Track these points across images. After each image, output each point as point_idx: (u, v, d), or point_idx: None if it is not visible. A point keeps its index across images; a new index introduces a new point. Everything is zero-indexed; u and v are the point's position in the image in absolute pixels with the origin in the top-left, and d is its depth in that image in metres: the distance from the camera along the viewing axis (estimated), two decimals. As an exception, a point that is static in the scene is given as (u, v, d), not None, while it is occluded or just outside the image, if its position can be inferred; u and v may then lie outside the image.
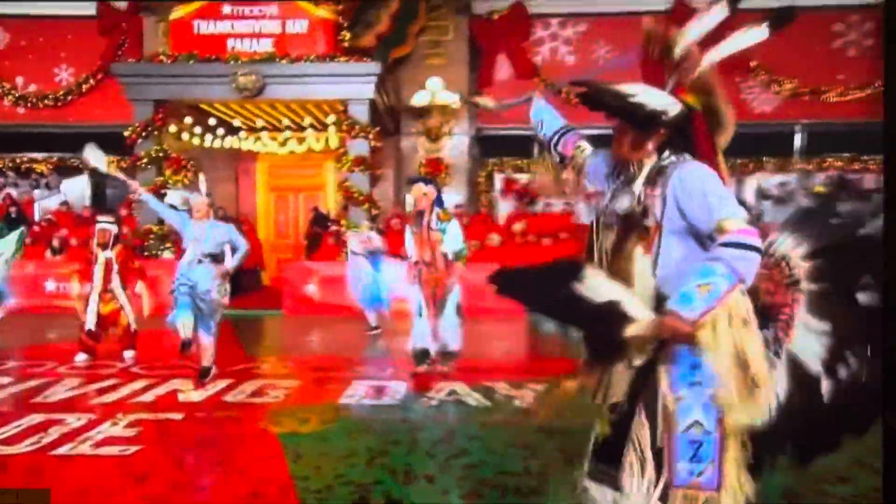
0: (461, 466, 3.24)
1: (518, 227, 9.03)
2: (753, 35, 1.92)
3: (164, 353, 5.61)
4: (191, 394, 4.48)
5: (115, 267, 5.58)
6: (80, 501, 2.85)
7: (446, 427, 3.91)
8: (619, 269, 1.83)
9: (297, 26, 8.39)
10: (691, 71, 1.85)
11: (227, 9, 8.50)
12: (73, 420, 3.85)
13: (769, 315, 1.83)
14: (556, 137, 2.26)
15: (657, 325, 1.68)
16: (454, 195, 10.69)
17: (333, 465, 3.24)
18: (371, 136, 8.36)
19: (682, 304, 1.63)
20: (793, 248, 1.84)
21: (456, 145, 10.86)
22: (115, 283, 5.59)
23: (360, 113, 8.28)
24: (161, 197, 6.64)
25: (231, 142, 9.08)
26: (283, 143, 8.99)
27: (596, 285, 1.75)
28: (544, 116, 2.37)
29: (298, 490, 2.92)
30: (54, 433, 3.62)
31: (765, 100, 11.02)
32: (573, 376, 2.00)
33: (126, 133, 8.57)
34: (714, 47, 1.90)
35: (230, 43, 8.41)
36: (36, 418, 3.87)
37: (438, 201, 5.05)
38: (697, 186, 1.72)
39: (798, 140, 11.05)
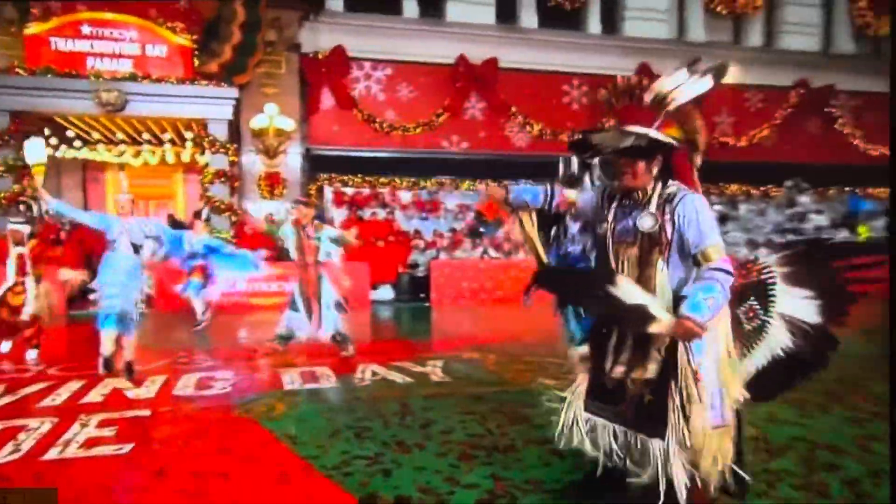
0: (438, 433, 3.69)
1: (352, 231, 11.23)
2: (703, 84, 2.49)
3: (66, 352, 6.34)
4: (138, 390, 4.75)
5: (28, 262, 6.10)
6: (109, 501, 2.93)
7: (399, 401, 4.39)
8: (642, 277, 2.35)
9: (157, 50, 9.70)
10: (678, 112, 2.43)
11: (86, 29, 9.45)
12: (37, 424, 3.90)
13: (749, 290, 2.53)
14: (549, 201, 3.03)
15: (677, 324, 2.19)
16: (290, 205, 12.61)
17: (332, 443, 3.54)
18: (230, 152, 9.97)
19: (695, 311, 2.18)
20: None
21: (290, 162, 12.79)
22: (28, 276, 6.10)
23: (220, 132, 9.85)
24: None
25: (85, 153, 9.87)
26: (137, 155, 10.06)
27: (628, 290, 2.24)
28: (526, 196, 3.02)
29: (318, 468, 3.17)
30: (28, 439, 3.64)
31: (521, 137, 14.93)
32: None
33: None
34: (677, 92, 2.50)
35: (90, 61, 9.35)
36: None
37: (320, 217, 6.76)
38: (694, 216, 2.29)
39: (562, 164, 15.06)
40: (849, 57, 16.31)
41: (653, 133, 2.33)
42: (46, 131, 9.63)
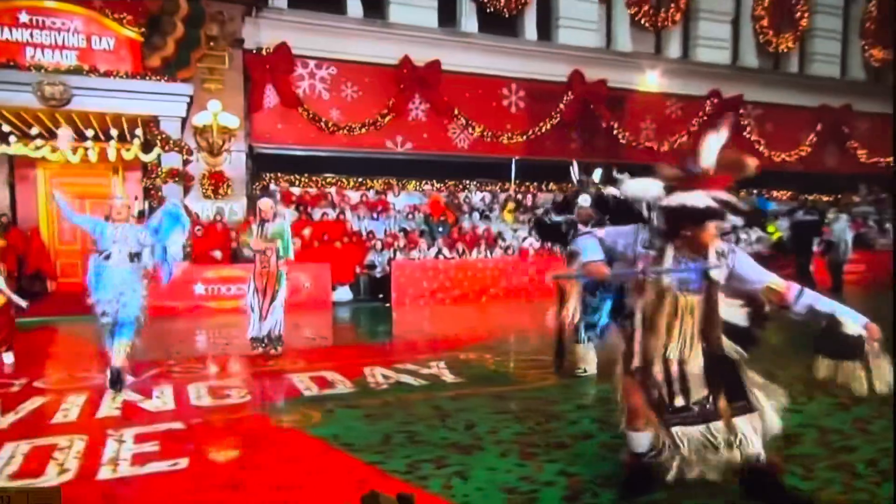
0: (486, 433, 3.91)
1: (306, 231, 11.34)
2: (720, 137, 2.93)
3: (35, 362, 6.20)
4: (153, 402, 4.72)
5: None
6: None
7: (428, 404, 4.60)
8: (708, 314, 2.80)
9: (104, 43, 9.33)
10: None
11: (24, 17, 8.93)
12: (66, 442, 3.83)
13: None
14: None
15: (872, 329, 2.66)
16: (235, 205, 12.46)
17: (388, 448, 3.69)
18: (184, 150, 9.77)
19: (855, 318, 2.71)
20: None
21: (234, 161, 12.61)
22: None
23: (173, 129, 9.63)
24: None
25: (18, 148, 9.33)
26: (75, 152, 9.62)
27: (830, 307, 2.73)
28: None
29: (391, 474, 3.32)
30: (69, 458, 3.58)
31: (463, 138, 15.48)
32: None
33: None
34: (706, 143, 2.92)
35: (29, 52, 8.87)
36: (17, 447, 3.73)
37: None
38: (749, 262, 2.91)
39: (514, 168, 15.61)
40: (754, 70, 18.16)
41: (735, 200, 2.84)
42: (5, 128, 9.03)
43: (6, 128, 9.03)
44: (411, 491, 3.01)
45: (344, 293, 10.88)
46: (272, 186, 12.98)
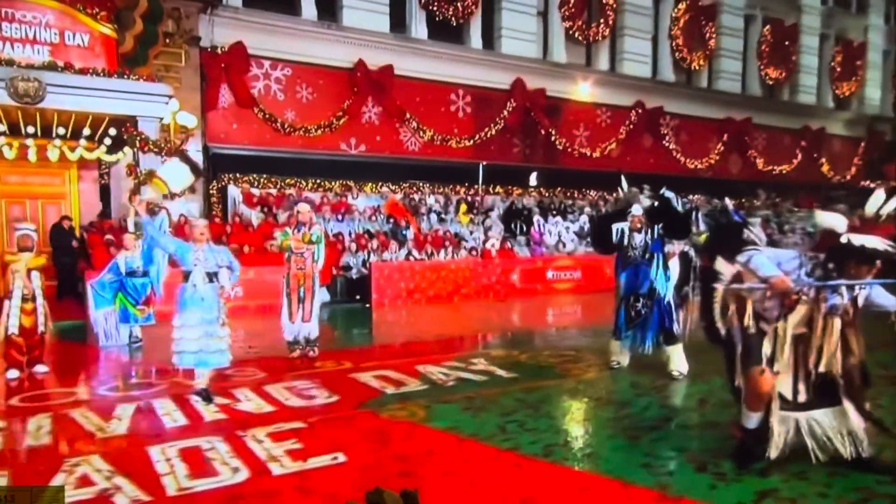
0: (582, 420, 4.58)
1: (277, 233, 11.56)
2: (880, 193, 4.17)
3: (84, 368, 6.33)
4: (246, 405, 4.94)
5: (37, 272, 5.98)
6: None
7: (510, 397, 5.11)
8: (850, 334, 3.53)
9: (78, 39, 9.15)
10: None
11: None
12: (208, 444, 4.04)
13: None
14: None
15: None
16: (192, 205, 12.45)
17: (513, 436, 4.18)
18: (164, 151, 9.77)
19: None
20: None
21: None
22: (38, 289, 5.98)
23: (151, 130, 9.61)
24: None
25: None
26: (52, 150, 9.37)
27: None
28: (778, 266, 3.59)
29: (530, 456, 3.83)
30: (228, 458, 3.81)
31: (413, 141, 16.22)
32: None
33: None
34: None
35: (-2, 45, 8.58)
36: (164, 450, 3.93)
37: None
38: (882, 290, 3.59)
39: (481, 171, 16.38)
40: (671, 84, 20.32)
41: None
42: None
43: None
44: (565, 469, 3.71)
45: (323, 294, 11.23)
46: (235, 187, 13.08)
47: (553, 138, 17.91)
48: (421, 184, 16.02)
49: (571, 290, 12.69)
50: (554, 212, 16.37)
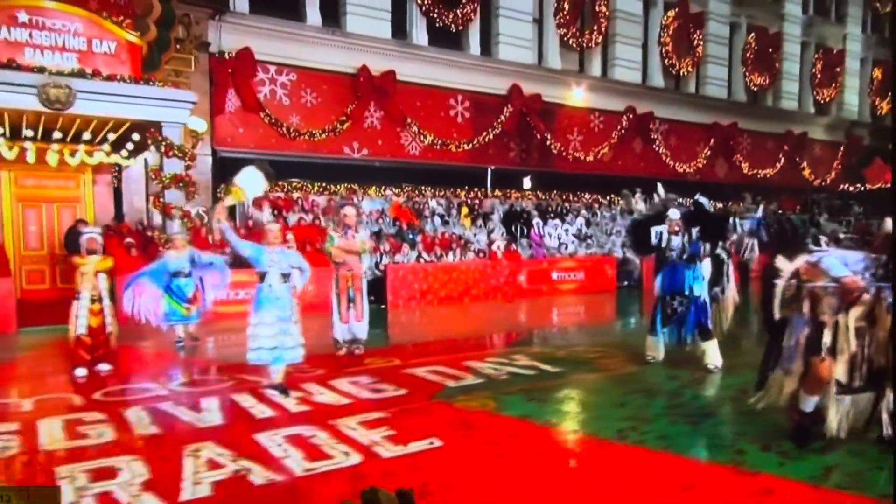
0: (643, 407, 5.07)
1: (290, 236, 12.02)
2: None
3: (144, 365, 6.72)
4: (322, 397, 5.35)
5: (103, 275, 6.34)
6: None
7: (568, 388, 5.75)
8: None
9: (105, 46, 9.51)
10: None
11: (23, 16, 8.94)
12: (310, 432, 4.47)
13: None
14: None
15: None
16: (201, 209, 12.85)
17: (597, 423, 4.75)
18: (188, 156, 10.18)
19: None
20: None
21: (200, 164, 13.00)
22: (104, 291, 6.34)
23: (175, 135, 10.02)
24: None
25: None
26: (73, 154, 9.74)
27: None
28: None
29: (609, 440, 4.35)
30: (335, 443, 4.27)
31: (414, 145, 16.80)
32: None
33: None
34: None
35: (28, 53, 8.90)
36: (273, 437, 4.34)
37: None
38: None
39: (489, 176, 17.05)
40: (660, 90, 21.25)
41: None
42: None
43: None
44: (653, 451, 4.14)
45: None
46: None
47: (548, 142, 18.65)
48: (423, 187, 16.62)
49: (575, 290, 13.38)
50: (552, 214, 17.09)
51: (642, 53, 21.00)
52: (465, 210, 15.96)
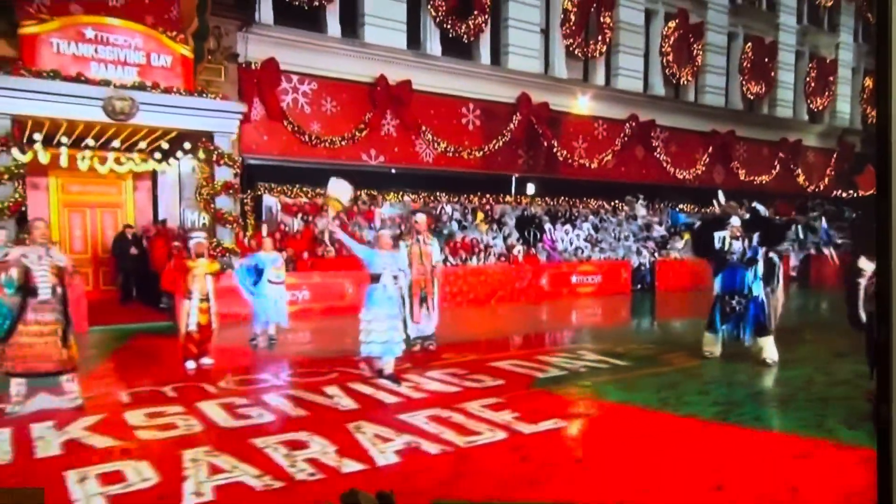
0: (727, 393, 6.04)
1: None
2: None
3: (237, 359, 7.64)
4: (434, 387, 6.22)
5: (210, 277, 7.25)
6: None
7: (648, 380, 6.63)
8: None
9: (162, 60, 10.53)
10: None
11: (89, 33, 9.92)
12: (450, 413, 5.23)
13: None
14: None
15: None
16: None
17: (678, 408, 5.45)
18: (236, 164, 11.24)
19: None
20: None
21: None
22: (210, 291, 7.25)
23: (225, 144, 11.07)
24: None
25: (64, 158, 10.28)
26: (121, 163, 10.75)
27: None
28: None
29: (709, 419, 5.17)
30: (449, 428, 4.97)
31: (428, 152, 17.98)
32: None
33: None
34: None
35: (94, 67, 9.89)
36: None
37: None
38: None
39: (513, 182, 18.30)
40: (662, 98, 22.74)
41: None
42: (37, 136, 9.84)
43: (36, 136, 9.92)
44: (756, 431, 4.99)
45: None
46: (270, 197, 14.59)
47: (555, 149, 19.97)
48: (437, 193, 17.81)
49: (593, 293, 14.61)
50: (562, 220, 18.39)
51: (644, 63, 22.47)
52: (480, 215, 17.15)
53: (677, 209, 22.42)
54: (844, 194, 28.17)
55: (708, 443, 4.86)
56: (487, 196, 18.71)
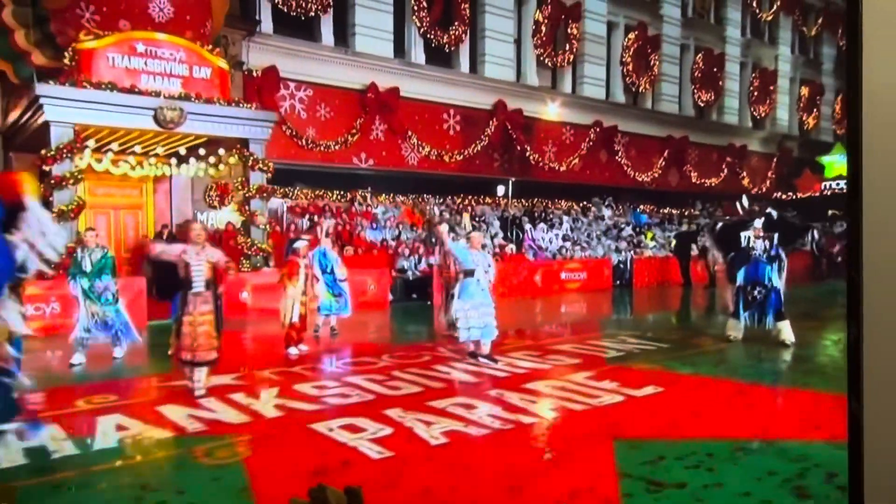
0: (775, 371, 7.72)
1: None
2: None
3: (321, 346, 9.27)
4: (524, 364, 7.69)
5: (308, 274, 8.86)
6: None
7: (705, 358, 8.08)
8: None
9: (203, 72, 11.98)
10: None
11: (140, 47, 11.29)
12: (562, 384, 6.49)
13: None
14: None
15: None
16: (234, 215, 15.39)
17: (742, 377, 6.72)
18: (269, 169, 12.81)
19: None
20: None
21: (234, 173, 15.52)
22: (310, 288, 8.90)
23: (259, 150, 12.62)
24: None
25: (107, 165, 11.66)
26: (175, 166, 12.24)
27: None
28: None
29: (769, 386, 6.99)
30: (572, 395, 6.06)
31: (412, 156, 19.93)
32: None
33: (43, 154, 10.34)
34: None
35: (144, 79, 11.29)
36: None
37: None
38: None
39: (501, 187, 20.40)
40: (622, 105, 25.50)
41: None
42: (91, 143, 11.12)
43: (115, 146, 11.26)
44: (819, 393, 7.33)
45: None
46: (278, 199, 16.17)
47: (528, 153, 22.30)
48: (423, 195, 19.77)
49: (579, 288, 16.82)
50: (538, 220, 20.68)
51: (606, 72, 25.19)
52: (466, 216, 19.21)
53: (639, 210, 25.26)
54: (784, 196, 31.85)
55: (789, 402, 6.40)
56: (469, 197, 20.80)
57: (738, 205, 11.16)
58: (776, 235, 9.30)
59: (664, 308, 15.28)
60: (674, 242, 19.82)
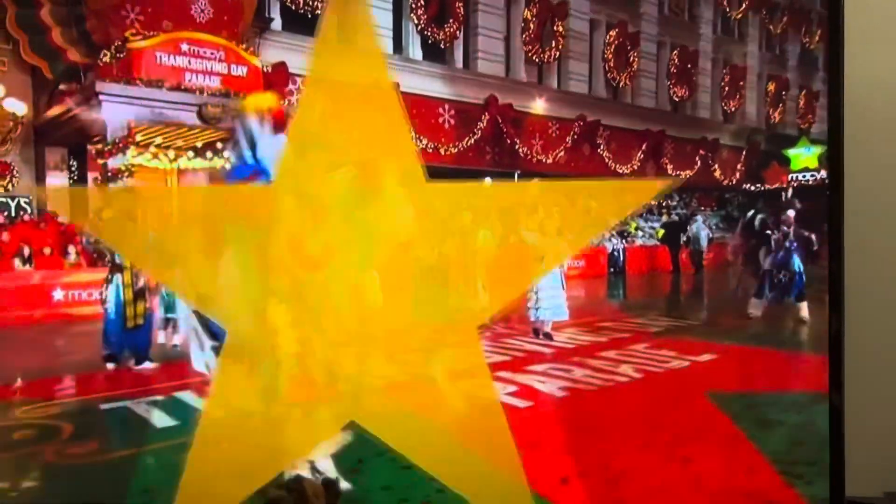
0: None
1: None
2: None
3: None
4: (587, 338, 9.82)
5: None
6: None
7: (728, 332, 10.10)
8: None
9: (240, 70, 13.05)
10: None
11: (185, 46, 12.31)
12: (630, 353, 8.50)
13: None
14: None
15: None
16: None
17: (781, 347, 8.55)
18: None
19: None
20: None
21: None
22: None
23: (288, 144, 13.75)
24: None
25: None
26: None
27: None
28: None
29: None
30: (629, 367, 7.68)
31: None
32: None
33: (100, 148, 11.29)
34: None
35: (187, 76, 12.32)
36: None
37: None
38: None
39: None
40: (604, 100, 27.27)
41: None
42: (139, 137, 12.13)
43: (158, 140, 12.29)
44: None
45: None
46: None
47: (517, 147, 23.84)
48: (424, 188, 21.06)
49: (578, 276, 18.44)
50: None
51: (589, 68, 26.91)
52: (463, 209, 20.62)
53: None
54: (753, 188, 34.18)
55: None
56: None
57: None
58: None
59: (672, 292, 16.98)
60: (661, 232, 21.62)
